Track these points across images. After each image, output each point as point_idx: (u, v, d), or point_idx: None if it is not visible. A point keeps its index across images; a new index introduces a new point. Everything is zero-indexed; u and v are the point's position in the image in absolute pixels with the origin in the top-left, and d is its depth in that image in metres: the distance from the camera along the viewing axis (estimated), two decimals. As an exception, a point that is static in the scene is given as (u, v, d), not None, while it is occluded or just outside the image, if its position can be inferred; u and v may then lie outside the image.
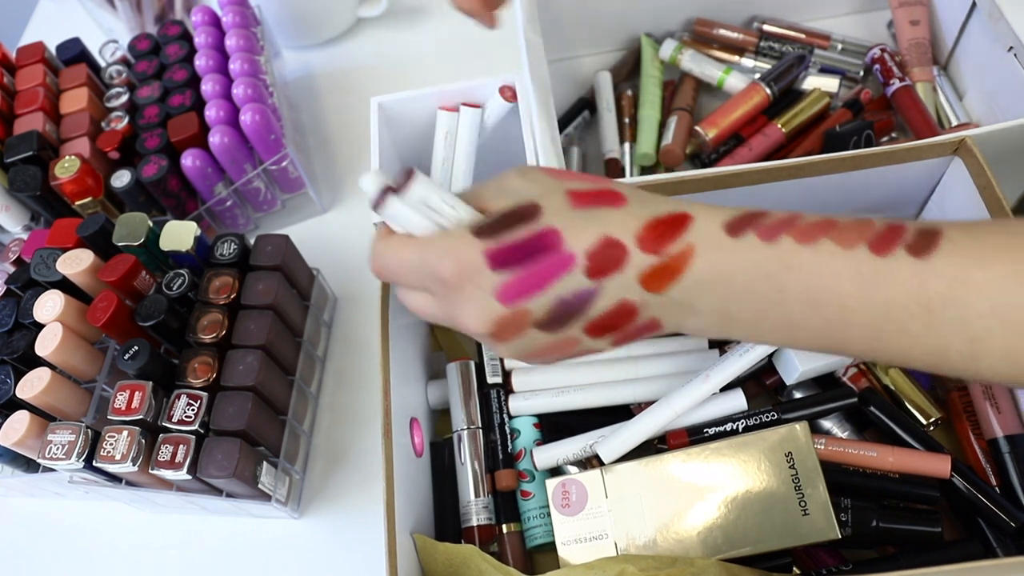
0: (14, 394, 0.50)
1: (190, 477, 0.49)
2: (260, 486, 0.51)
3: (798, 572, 0.46)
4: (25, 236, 0.61)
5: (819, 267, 0.32)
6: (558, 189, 0.35)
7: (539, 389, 0.52)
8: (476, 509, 0.49)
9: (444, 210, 0.35)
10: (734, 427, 0.47)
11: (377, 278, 0.38)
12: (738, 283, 0.33)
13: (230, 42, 0.69)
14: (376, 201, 0.35)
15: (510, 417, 0.52)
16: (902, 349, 0.33)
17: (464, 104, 0.55)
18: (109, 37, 0.79)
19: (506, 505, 0.50)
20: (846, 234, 0.33)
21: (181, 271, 0.54)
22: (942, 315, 0.31)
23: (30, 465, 0.56)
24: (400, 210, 0.35)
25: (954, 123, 0.63)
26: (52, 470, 0.52)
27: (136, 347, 0.50)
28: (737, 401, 0.48)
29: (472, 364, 0.54)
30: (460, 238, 0.34)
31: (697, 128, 0.63)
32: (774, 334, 0.35)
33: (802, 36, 0.69)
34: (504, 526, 0.50)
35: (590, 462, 0.49)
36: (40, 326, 0.51)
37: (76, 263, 0.52)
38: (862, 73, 0.68)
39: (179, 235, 0.55)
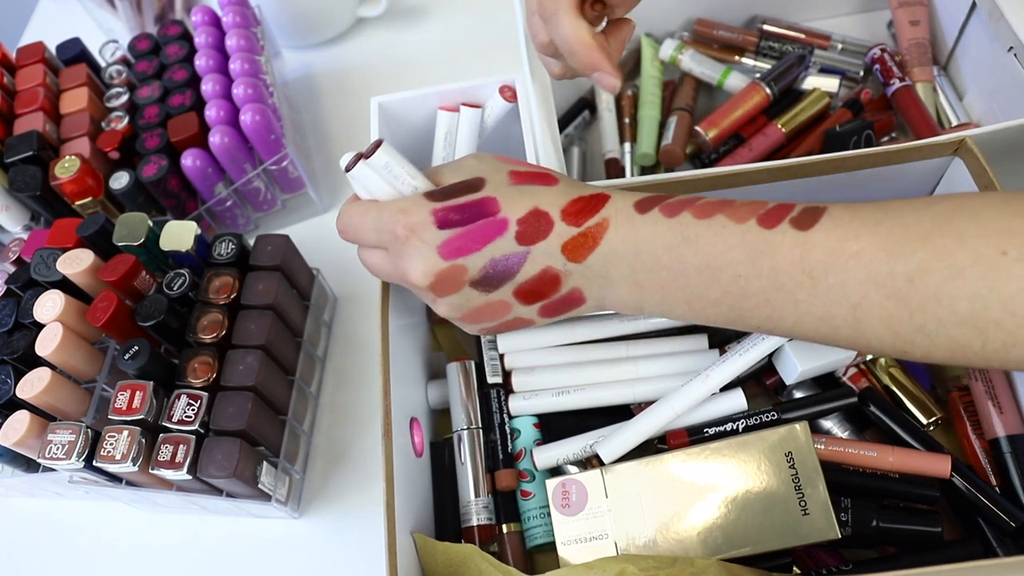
0: (14, 394, 0.50)
1: (190, 477, 0.49)
2: (260, 486, 0.51)
3: (798, 572, 0.46)
4: (25, 236, 0.61)
5: (713, 238, 0.36)
6: (502, 168, 0.41)
7: (539, 389, 0.52)
8: (476, 509, 0.49)
9: (404, 178, 0.40)
10: (734, 427, 0.47)
11: (341, 237, 0.43)
12: (644, 252, 0.38)
13: (230, 42, 0.69)
14: (348, 165, 0.40)
15: (510, 417, 0.52)
16: (795, 318, 0.36)
17: (464, 104, 0.55)
18: (109, 37, 0.79)
19: (506, 505, 0.50)
20: (739, 211, 0.37)
21: (181, 271, 0.54)
22: (824, 282, 0.34)
23: (30, 465, 0.56)
24: (366, 173, 0.40)
25: (954, 123, 0.63)
26: (52, 470, 0.52)
27: (136, 347, 0.50)
28: (737, 401, 0.48)
29: (472, 364, 0.54)
30: (413, 200, 0.39)
31: (697, 128, 0.63)
32: (682, 306, 0.39)
33: (802, 36, 0.69)
34: (504, 526, 0.50)
35: (590, 462, 0.49)
36: (40, 326, 0.51)
37: (76, 263, 0.52)
38: (862, 73, 0.68)
39: (179, 235, 0.55)
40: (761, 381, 0.52)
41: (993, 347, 0.32)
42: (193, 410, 0.50)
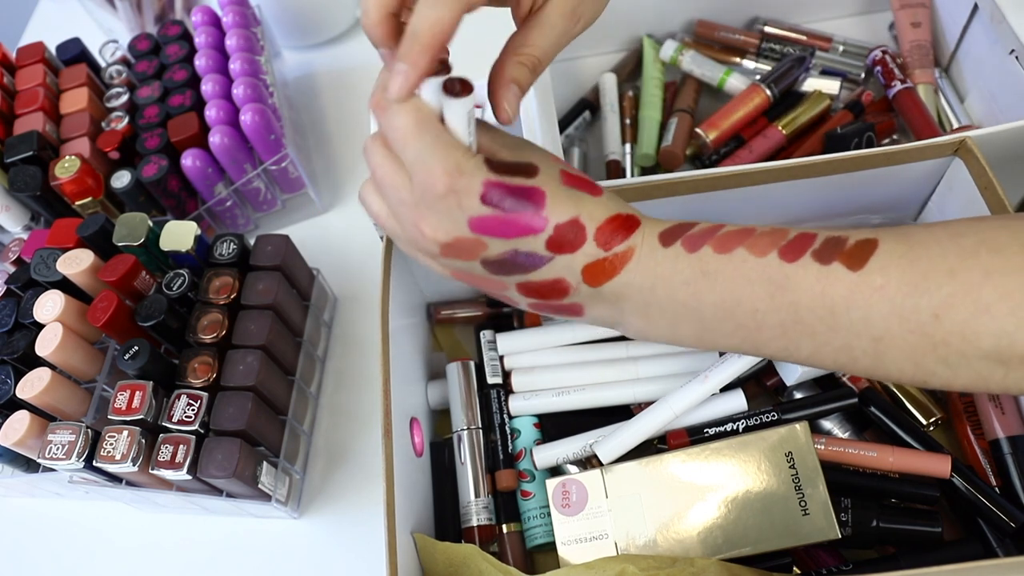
0: (14, 394, 0.50)
1: (190, 477, 0.49)
2: (260, 486, 0.51)
3: (798, 572, 0.46)
4: (25, 236, 0.61)
5: (732, 273, 0.36)
6: (556, 165, 0.39)
7: (539, 389, 0.52)
8: (476, 509, 0.49)
9: (473, 132, 0.37)
10: (734, 427, 0.47)
11: (374, 116, 0.38)
12: (661, 288, 0.38)
13: (230, 42, 0.69)
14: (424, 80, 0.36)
15: (510, 417, 0.52)
16: (812, 348, 0.36)
17: (465, 104, 0.55)
18: (109, 37, 0.79)
19: (506, 505, 0.50)
20: (760, 242, 0.36)
21: (181, 271, 0.54)
22: (845, 317, 0.34)
23: (30, 465, 0.56)
24: (448, 105, 0.36)
25: (955, 125, 0.63)
26: (52, 470, 0.52)
27: (136, 347, 0.50)
28: (737, 401, 0.48)
29: (472, 364, 0.54)
30: (473, 161, 0.36)
31: (698, 130, 0.63)
32: (690, 339, 0.39)
33: (803, 38, 0.69)
34: (504, 526, 0.50)
35: (590, 462, 0.49)
36: (40, 326, 0.51)
37: (76, 263, 0.52)
38: (863, 75, 0.68)
39: (179, 235, 0.55)
40: (761, 382, 0.52)
41: (1015, 377, 0.32)
42: (193, 410, 0.50)
